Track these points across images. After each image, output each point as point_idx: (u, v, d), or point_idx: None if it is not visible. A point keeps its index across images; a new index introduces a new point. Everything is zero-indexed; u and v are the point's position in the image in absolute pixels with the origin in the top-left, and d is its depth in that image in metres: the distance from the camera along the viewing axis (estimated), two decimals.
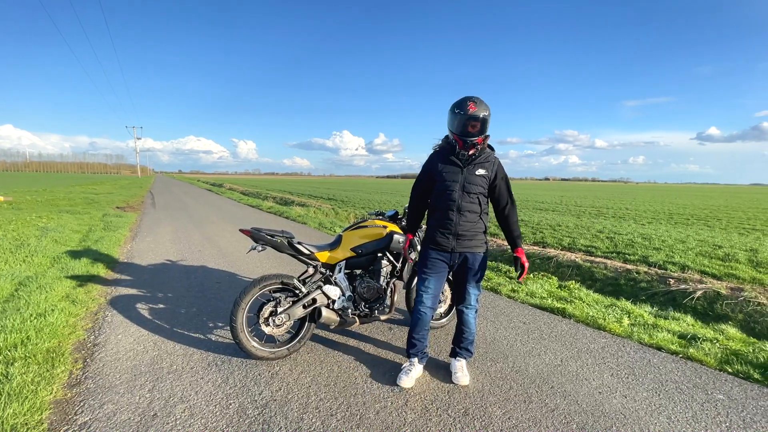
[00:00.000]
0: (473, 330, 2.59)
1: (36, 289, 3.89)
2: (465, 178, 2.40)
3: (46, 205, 13.12)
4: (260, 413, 2.13)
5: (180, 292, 4.19)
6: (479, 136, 2.35)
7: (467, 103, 2.31)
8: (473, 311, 2.58)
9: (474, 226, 2.45)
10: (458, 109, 2.33)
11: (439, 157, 2.50)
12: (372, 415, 2.13)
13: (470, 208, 2.42)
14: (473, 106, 2.29)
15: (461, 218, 2.42)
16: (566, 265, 6.25)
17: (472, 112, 2.28)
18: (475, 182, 2.40)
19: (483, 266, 2.52)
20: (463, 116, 2.30)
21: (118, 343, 2.94)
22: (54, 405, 2.16)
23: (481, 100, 2.34)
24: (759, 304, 4.38)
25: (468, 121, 2.30)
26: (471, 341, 2.61)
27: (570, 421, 2.10)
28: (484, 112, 2.31)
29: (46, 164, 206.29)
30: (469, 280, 2.52)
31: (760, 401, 2.34)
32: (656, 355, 2.96)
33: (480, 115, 2.30)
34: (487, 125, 2.35)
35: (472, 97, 2.34)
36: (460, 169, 2.42)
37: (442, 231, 2.46)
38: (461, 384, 2.47)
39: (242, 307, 2.62)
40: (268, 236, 2.77)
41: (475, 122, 2.30)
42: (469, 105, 2.30)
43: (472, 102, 2.31)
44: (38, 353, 2.62)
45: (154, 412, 2.12)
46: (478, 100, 2.34)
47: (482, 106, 2.31)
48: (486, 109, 2.33)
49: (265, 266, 5.38)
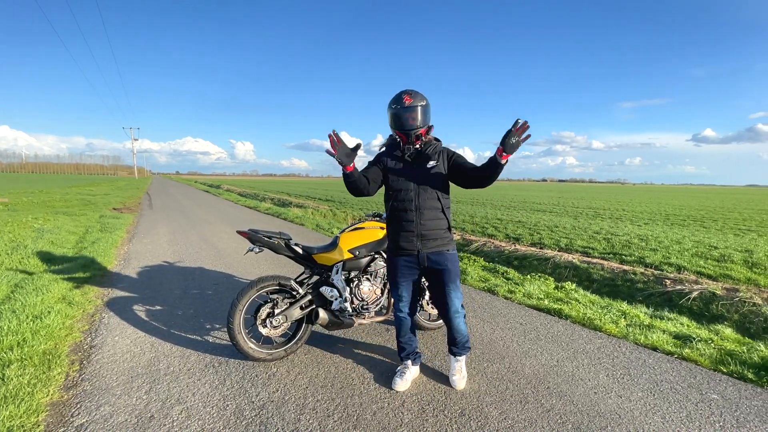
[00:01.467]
0: (465, 333, 2.48)
1: (32, 291, 3.87)
2: (418, 174, 2.32)
3: (42, 206, 13.07)
4: (257, 414, 2.13)
5: (177, 293, 4.19)
6: (422, 127, 2.30)
7: (402, 96, 2.27)
8: (461, 317, 2.43)
9: (437, 224, 2.34)
10: (395, 104, 2.28)
11: (388, 155, 2.42)
12: (369, 416, 2.14)
13: (430, 205, 2.32)
14: (408, 98, 2.26)
15: (422, 217, 2.31)
16: (563, 266, 6.28)
17: (409, 104, 2.25)
18: (428, 176, 2.31)
19: (455, 265, 2.37)
20: (401, 109, 2.26)
21: (114, 344, 2.94)
22: (50, 407, 2.16)
23: (416, 92, 2.29)
24: (754, 305, 4.42)
25: (406, 113, 2.25)
26: (466, 338, 2.51)
27: (566, 422, 2.11)
28: (421, 102, 2.27)
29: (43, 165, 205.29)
30: (446, 283, 2.37)
31: (754, 401, 2.36)
32: (651, 355, 2.98)
33: (417, 105, 2.26)
34: (427, 115, 2.31)
35: (406, 91, 2.29)
36: (411, 165, 2.35)
37: (405, 234, 2.35)
38: (457, 388, 2.41)
39: (239, 308, 2.62)
40: (266, 238, 2.77)
41: (413, 113, 2.25)
42: (404, 98, 2.26)
43: (407, 95, 2.27)
44: (34, 355, 2.62)
45: (151, 413, 2.12)
46: (413, 91, 2.29)
47: (418, 97, 2.27)
48: (422, 99, 2.29)
49: (262, 268, 5.37)
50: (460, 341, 2.48)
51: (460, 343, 2.49)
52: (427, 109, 2.31)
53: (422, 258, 2.36)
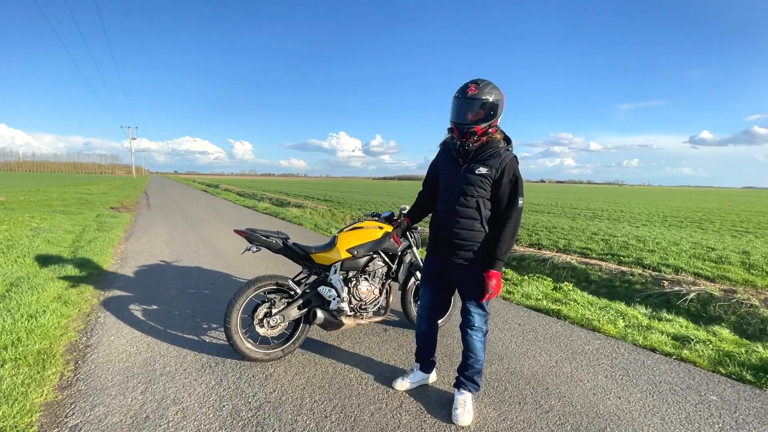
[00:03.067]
0: (480, 357, 2.18)
1: (28, 289, 3.84)
2: (463, 177, 2.05)
3: (39, 205, 12.99)
4: (254, 415, 2.11)
5: (174, 293, 4.16)
6: (478, 124, 1.97)
7: (469, 85, 1.98)
8: (479, 334, 2.17)
9: (472, 235, 2.07)
10: (458, 92, 2.00)
11: (443, 153, 2.21)
12: (367, 417, 2.12)
13: (467, 214, 2.06)
14: (474, 87, 1.95)
15: (457, 224, 2.08)
16: (561, 266, 6.27)
17: (471, 95, 1.94)
18: (473, 182, 2.02)
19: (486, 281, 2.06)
20: (462, 99, 1.97)
21: (110, 344, 2.91)
22: (44, 407, 2.13)
23: (487, 83, 1.98)
24: (751, 306, 4.42)
25: (465, 105, 1.97)
26: (478, 371, 2.21)
27: (565, 423, 2.10)
28: (488, 97, 1.94)
29: (40, 164, 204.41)
30: (468, 297, 2.17)
31: (753, 402, 2.36)
32: (650, 356, 2.97)
33: (481, 97, 1.93)
34: (492, 113, 1.97)
35: (477, 79, 1.99)
36: (460, 166, 2.07)
37: (439, 238, 2.20)
38: (460, 424, 2.06)
39: (236, 308, 2.60)
40: (263, 237, 2.75)
41: (472, 107, 1.96)
42: (470, 87, 1.96)
43: (474, 84, 1.97)
44: (29, 355, 2.59)
45: (147, 414, 2.10)
46: (483, 82, 1.98)
47: (486, 90, 1.95)
48: (492, 92, 1.95)
49: (260, 267, 5.35)
50: (472, 366, 2.20)
51: (472, 369, 2.21)
52: (495, 107, 1.97)
53: (451, 266, 2.18)
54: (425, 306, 2.38)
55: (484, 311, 2.18)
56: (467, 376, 2.22)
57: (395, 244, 3.10)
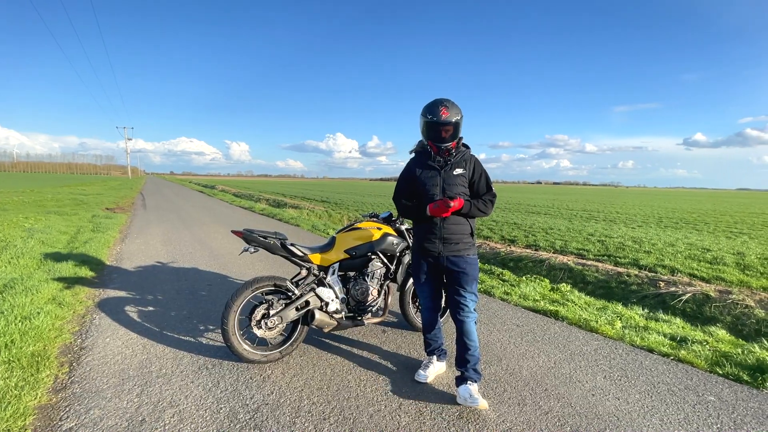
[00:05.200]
0: (476, 342, 2.34)
1: (21, 291, 3.79)
2: (444, 180, 2.33)
3: (33, 205, 12.87)
4: (252, 417, 2.09)
5: (170, 294, 4.12)
6: (452, 140, 2.31)
7: (439, 108, 2.24)
8: (472, 319, 2.36)
9: (459, 229, 2.35)
10: (430, 115, 2.26)
11: (417, 162, 2.45)
12: (365, 419, 2.11)
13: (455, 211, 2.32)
14: (445, 111, 2.23)
15: (445, 222, 2.34)
16: (558, 267, 6.29)
17: (445, 118, 2.23)
18: (454, 183, 2.32)
19: (474, 269, 2.37)
20: (436, 122, 2.24)
21: (105, 346, 2.88)
22: (38, 410, 2.10)
23: (452, 103, 2.27)
24: (746, 307, 4.45)
25: (441, 126, 2.25)
26: (477, 359, 2.34)
27: (564, 424, 2.10)
28: (456, 117, 2.26)
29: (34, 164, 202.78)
30: (462, 285, 2.36)
31: (750, 402, 2.37)
32: (648, 357, 2.98)
33: (452, 120, 2.24)
34: (459, 129, 2.30)
35: (443, 101, 2.26)
36: (438, 172, 2.35)
37: (429, 236, 2.39)
38: (480, 408, 2.18)
39: (234, 309, 2.58)
40: (261, 238, 2.73)
41: (447, 127, 2.25)
42: (441, 110, 2.23)
43: (444, 107, 2.24)
44: (22, 357, 2.55)
45: (143, 417, 2.07)
46: (450, 103, 2.26)
47: (454, 110, 2.25)
48: (458, 113, 2.27)
49: (257, 268, 5.32)
50: (472, 354, 2.32)
51: (473, 358, 2.31)
52: (460, 123, 2.30)
53: (443, 260, 2.38)
54: (428, 298, 2.56)
55: (475, 296, 2.41)
56: (468, 367, 2.32)
57: (393, 244, 3.09)
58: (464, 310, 2.36)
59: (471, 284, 2.37)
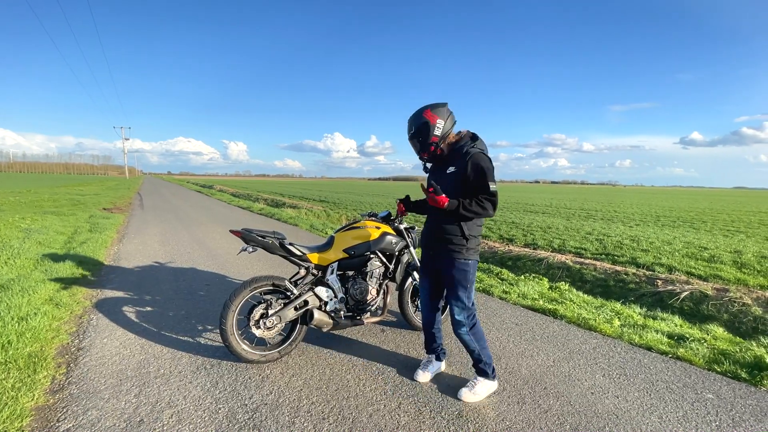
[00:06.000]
0: (473, 348, 2.33)
1: (18, 292, 3.77)
2: (435, 179, 2.29)
3: (29, 206, 12.80)
4: (250, 418, 2.09)
5: (168, 294, 4.11)
6: (424, 151, 2.32)
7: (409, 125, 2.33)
8: (464, 328, 2.31)
9: (447, 229, 2.25)
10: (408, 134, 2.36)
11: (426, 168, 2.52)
12: (365, 419, 2.10)
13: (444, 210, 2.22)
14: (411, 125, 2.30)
15: (436, 221, 2.31)
16: (557, 266, 6.30)
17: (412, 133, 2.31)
18: (444, 182, 2.23)
19: (461, 274, 2.25)
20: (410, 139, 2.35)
21: (103, 347, 2.86)
22: (35, 412, 2.08)
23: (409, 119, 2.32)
24: (743, 305, 4.47)
25: (414, 140, 2.33)
26: (480, 361, 2.34)
27: (563, 422, 2.10)
28: (410, 131, 2.31)
29: (31, 165, 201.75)
30: (451, 296, 2.32)
31: (748, 400, 2.37)
32: (646, 355, 2.99)
33: (409, 135, 2.33)
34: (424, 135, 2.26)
35: (410, 118, 2.32)
36: (432, 171, 2.40)
37: (426, 234, 2.43)
38: (461, 397, 2.28)
39: (232, 309, 2.57)
40: (259, 237, 2.72)
41: (413, 141, 2.33)
42: (410, 127, 2.31)
43: (411, 121, 2.31)
44: (19, 358, 2.54)
45: (141, 417, 2.06)
46: (409, 120, 2.33)
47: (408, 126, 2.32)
48: (411, 126, 2.29)
49: (255, 268, 5.31)
50: (474, 359, 2.37)
51: (473, 359, 2.37)
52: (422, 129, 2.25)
53: (436, 261, 2.38)
54: (425, 294, 2.57)
55: (462, 304, 2.30)
56: (474, 365, 2.42)
57: (392, 244, 3.08)
58: (452, 319, 2.35)
59: (456, 290, 2.28)
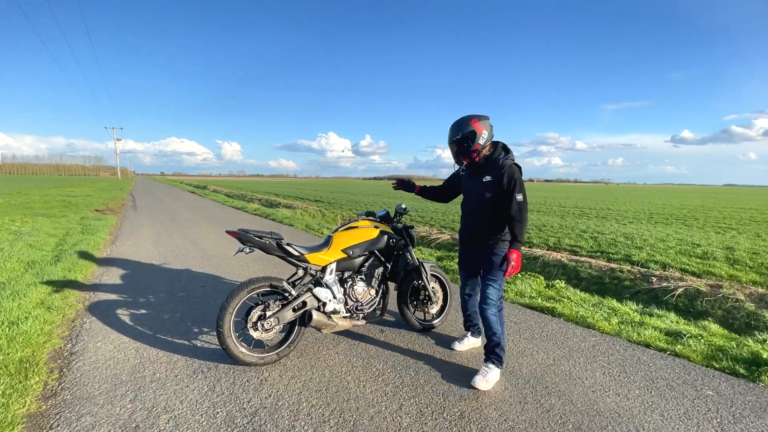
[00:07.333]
0: (496, 330, 2.55)
1: (8, 295, 3.69)
2: (475, 185, 2.65)
3: (19, 208, 12.59)
4: (249, 422, 2.05)
5: (163, 296, 4.05)
6: (464, 155, 2.61)
7: (453, 130, 2.59)
8: (492, 308, 2.56)
9: (489, 228, 2.61)
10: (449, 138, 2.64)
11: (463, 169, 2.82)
12: (366, 421, 2.08)
13: (483, 212, 2.62)
14: (457, 131, 2.57)
15: (475, 221, 2.68)
16: (552, 264, 6.32)
17: (457, 138, 2.57)
18: (482, 188, 2.59)
19: (496, 264, 2.58)
20: (452, 143, 2.63)
21: (96, 351, 2.81)
22: (27, 419, 2.03)
23: (455, 124, 2.58)
24: (737, 301, 4.51)
25: (456, 145, 2.61)
26: (497, 344, 2.54)
27: (566, 422, 2.09)
28: (456, 135, 2.57)
29: (21, 166, 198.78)
30: (486, 277, 2.64)
31: (748, 396, 2.38)
32: (645, 352, 2.99)
33: (453, 139, 2.59)
34: (469, 142, 2.54)
35: (454, 123, 2.59)
36: (470, 178, 2.71)
37: (464, 233, 2.83)
38: (475, 385, 2.40)
39: (229, 311, 2.53)
40: (256, 237, 2.68)
41: (453, 145, 2.62)
42: (454, 132, 2.59)
43: (455, 127, 2.59)
44: (10, 363, 2.47)
45: (136, 423, 2.02)
46: (454, 124, 2.59)
47: (453, 131, 2.59)
48: (458, 131, 2.56)
49: (252, 269, 5.25)
50: (491, 339, 2.57)
51: (491, 342, 2.57)
52: (467, 137, 2.53)
53: (474, 255, 2.76)
54: (462, 280, 2.98)
55: (497, 286, 2.62)
56: (488, 349, 2.59)
57: (391, 243, 3.06)
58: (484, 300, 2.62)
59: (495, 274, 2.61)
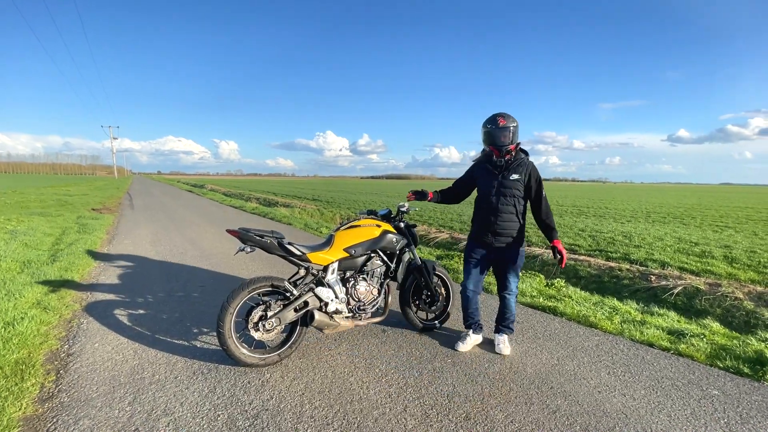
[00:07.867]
0: (514, 311, 2.96)
1: (4, 296, 3.63)
2: (500, 183, 2.75)
3: (15, 207, 12.47)
4: (251, 424, 2.01)
5: (161, 296, 4.00)
6: (511, 144, 2.72)
7: (497, 118, 2.71)
8: (513, 296, 2.93)
9: (511, 225, 2.79)
10: (490, 125, 2.72)
11: (478, 166, 2.91)
12: (370, 423, 2.04)
13: (506, 210, 2.76)
14: (502, 120, 2.70)
15: (498, 219, 2.77)
16: (551, 263, 6.31)
17: (502, 125, 2.69)
18: (509, 186, 2.74)
19: (520, 258, 2.87)
20: (495, 129, 2.70)
21: (94, 352, 2.76)
22: (23, 422, 1.98)
23: (508, 115, 2.73)
24: (736, 299, 4.51)
25: (499, 132, 2.69)
26: (512, 320, 2.97)
27: (573, 423, 2.06)
28: (513, 124, 2.71)
29: (16, 165, 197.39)
30: (508, 270, 2.88)
31: (754, 395, 2.37)
32: (649, 351, 2.98)
33: (509, 126, 2.70)
34: (516, 135, 2.73)
35: (500, 113, 2.73)
36: (496, 176, 2.77)
37: (483, 230, 2.85)
38: (503, 354, 2.84)
39: (230, 311, 2.49)
40: (257, 237, 2.63)
41: (505, 132, 2.69)
42: (499, 120, 2.70)
43: (501, 117, 2.71)
44: (6, 365, 2.43)
45: (135, 426, 1.98)
46: (506, 114, 2.73)
47: (510, 119, 2.71)
48: (513, 121, 2.72)
49: (252, 268, 5.21)
50: (508, 318, 2.96)
51: (508, 320, 2.96)
52: (517, 130, 2.74)
53: (493, 250, 2.87)
54: (472, 282, 2.98)
55: (518, 279, 2.97)
56: (504, 324, 2.98)
57: (393, 242, 3.03)
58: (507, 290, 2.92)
59: (516, 270, 2.90)
